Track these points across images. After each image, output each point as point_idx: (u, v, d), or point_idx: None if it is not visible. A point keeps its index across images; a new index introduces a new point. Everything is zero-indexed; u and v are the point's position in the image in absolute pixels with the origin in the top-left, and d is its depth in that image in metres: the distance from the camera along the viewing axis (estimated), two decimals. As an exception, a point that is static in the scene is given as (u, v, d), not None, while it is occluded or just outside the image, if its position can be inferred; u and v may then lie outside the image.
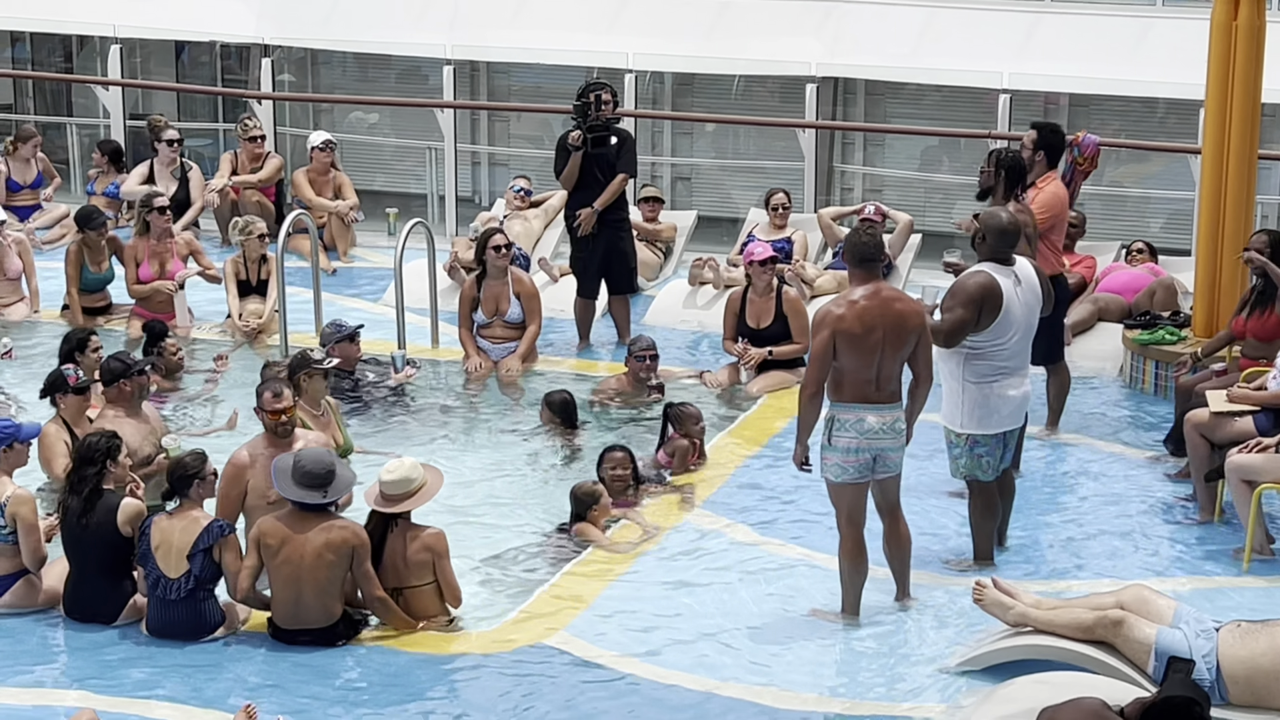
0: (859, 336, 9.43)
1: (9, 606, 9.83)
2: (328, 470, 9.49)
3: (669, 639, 9.59)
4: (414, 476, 9.59)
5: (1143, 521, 11.19)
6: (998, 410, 10.21)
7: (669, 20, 18.35)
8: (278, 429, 10.31)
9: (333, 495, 9.51)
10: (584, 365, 14.26)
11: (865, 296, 9.52)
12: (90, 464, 9.75)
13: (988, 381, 10.17)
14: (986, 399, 10.18)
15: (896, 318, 9.53)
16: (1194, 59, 13.76)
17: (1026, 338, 10.30)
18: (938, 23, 17.64)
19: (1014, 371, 10.25)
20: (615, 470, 11.20)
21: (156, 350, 13.17)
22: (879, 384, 9.53)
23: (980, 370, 10.17)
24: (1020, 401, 10.32)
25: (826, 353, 9.45)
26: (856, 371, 9.49)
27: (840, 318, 9.47)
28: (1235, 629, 8.67)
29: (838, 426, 9.55)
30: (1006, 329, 10.14)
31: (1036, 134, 12.29)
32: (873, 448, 9.54)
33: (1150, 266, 14.63)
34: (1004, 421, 10.26)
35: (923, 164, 18.18)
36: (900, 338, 9.54)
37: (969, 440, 10.25)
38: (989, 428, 10.22)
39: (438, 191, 18.49)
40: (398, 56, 19.55)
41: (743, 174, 18.69)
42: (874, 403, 9.52)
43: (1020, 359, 10.30)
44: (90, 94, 20.19)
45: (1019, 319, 10.18)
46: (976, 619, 9.52)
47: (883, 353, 9.50)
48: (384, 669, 9.25)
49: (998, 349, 10.14)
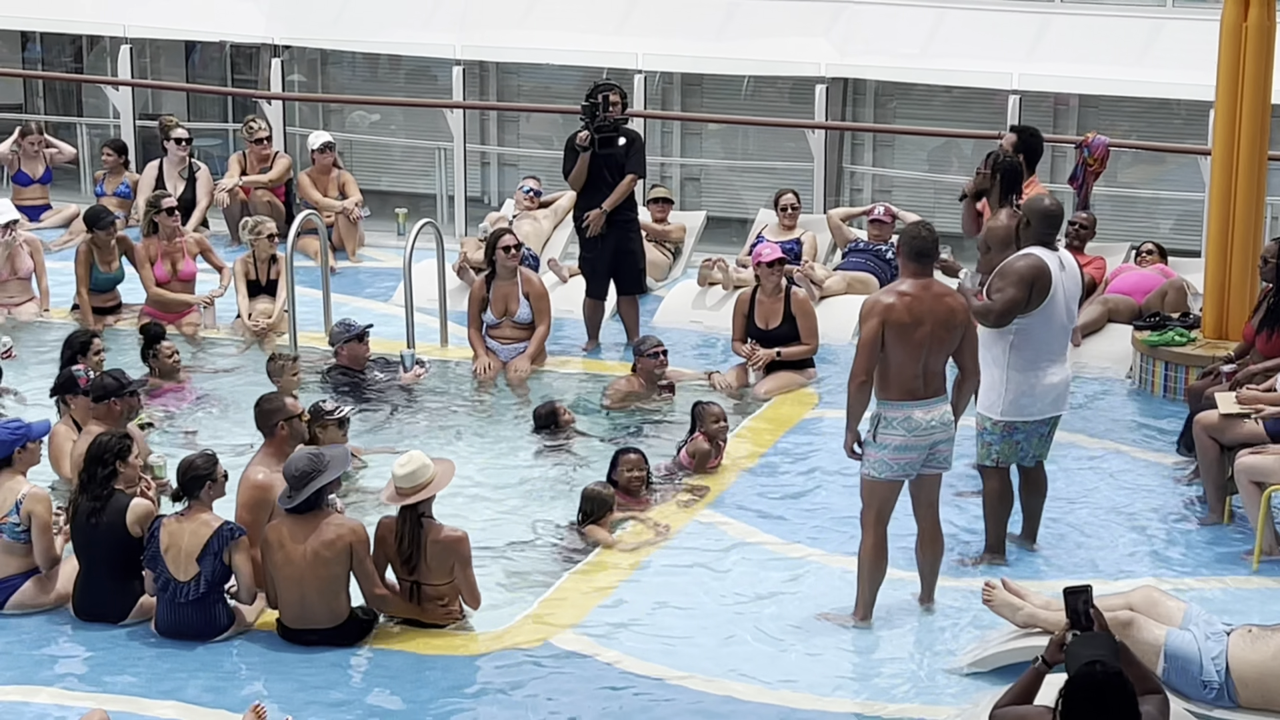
0: (908, 327, 9.42)
1: (19, 606, 9.84)
2: (301, 473, 9.47)
3: (678, 639, 9.58)
4: (425, 467, 9.58)
5: (1152, 523, 11.19)
6: (1042, 397, 10.28)
7: (678, 21, 18.35)
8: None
9: (300, 496, 9.44)
10: (593, 365, 14.26)
11: (915, 289, 9.52)
12: (101, 464, 9.75)
13: (1033, 368, 10.23)
14: (1032, 386, 10.25)
15: (945, 312, 9.54)
16: (1204, 60, 13.75)
17: (1070, 323, 10.38)
18: (947, 23, 17.64)
19: (1057, 358, 10.30)
20: (631, 472, 11.19)
21: (153, 352, 13.11)
22: (925, 379, 9.53)
23: (1026, 356, 10.22)
24: (1062, 388, 10.39)
25: (875, 341, 9.42)
26: (903, 366, 9.47)
27: (890, 307, 9.46)
28: (1246, 634, 8.67)
29: (884, 425, 9.52)
30: (1054, 312, 10.20)
31: (1016, 137, 12.34)
32: (925, 443, 9.54)
33: (1160, 268, 14.62)
34: (1046, 408, 10.35)
35: (932, 165, 18.17)
36: (948, 331, 9.56)
37: (1006, 427, 10.27)
38: (1030, 414, 10.29)
39: (447, 192, 18.50)
40: (407, 57, 19.57)
41: (752, 174, 18.68)
42: (920, 398, 9.52)
43: (1062, 344, 10.38)
44: (100, 94, 20.21)
45: (1062, 303, 10.26)
46: (986, 620, 9.51)
47: (930, 347, 9.50)
48: (392, 669, 9.25)
49: (1044, 333, 10.19)
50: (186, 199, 17.11)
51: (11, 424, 10.25)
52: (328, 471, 9.50)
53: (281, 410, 10.28)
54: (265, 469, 10.02)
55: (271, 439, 10.22)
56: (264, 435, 10.36)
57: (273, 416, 10.26)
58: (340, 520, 9.56)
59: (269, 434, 10.26)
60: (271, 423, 10.24)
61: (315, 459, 9.53)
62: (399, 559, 9.56)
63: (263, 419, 10.36)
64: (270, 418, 10.26)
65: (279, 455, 10.06)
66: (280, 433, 10.20)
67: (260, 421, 10.38)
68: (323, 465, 9.50)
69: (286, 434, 10.21)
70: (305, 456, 9.56)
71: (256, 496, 9.90)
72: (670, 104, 18.91)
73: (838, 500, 11.16)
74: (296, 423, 10.31)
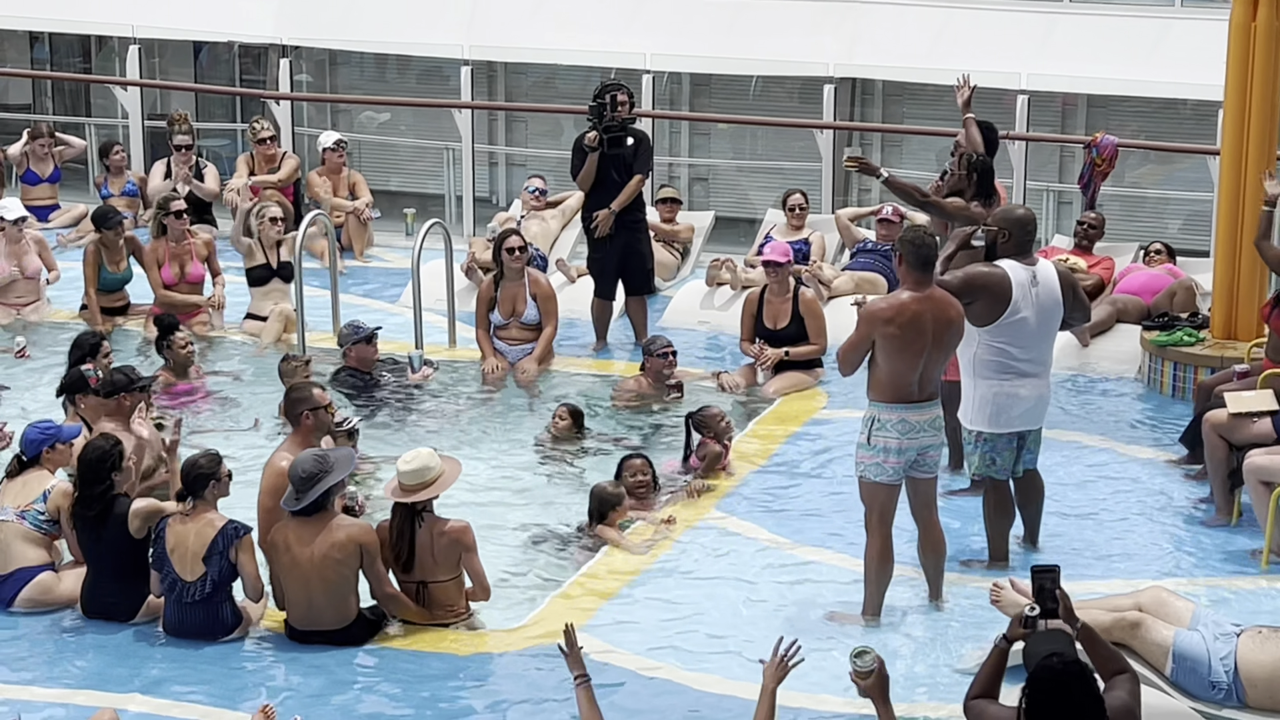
0: (905, 339, 9.43)
1: (29, 603, 9.86)
2: (308, 475, 9.47)
3: (687, 639, 9.59)
4: (431, 465, 9.57)
5: (1161, 523, 11.18)
6: (1008, 410, 10.21)
7: (686, 21, 18.34)
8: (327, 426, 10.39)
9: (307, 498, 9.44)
10: (601, 366, 14.26)
11: (915, 301, 9.50)
12: (97, 481, 9.71)
13: (999, 380, 10.17)
14: (997, 397, 10.19)
15: (945, 320, 9.55)
16: (1212, 60, 13.74)
17: (1041, 339, 10.28)
18: (955, 23, 17.63)
19: (1027, 373, 10.23)
20: (636, 478, 11.18)
21: (166, 343, 13.14)
22: (921, 385, 9.55)
23: (991, 368, 10.17)
24: (1034, 404, 10.30)
25: (863, 345, 9.50)
26: (900, 374, 9.49)
27: (888, 320, 9.47)
28: (1256, 634, 8.65)
29: (878, 426, 9.54)
30: (1017, 328, 10.13)
31: (978, 135, 12.40)
32: (915, 446, 9.54)
33: (1169, 268, 14.61)
34: (1015, 422, 10.26)
35: (940, 165, 18.12)
36: (947, 338, 9.58)
37: (979, 438, 10.26)
38: (999, 426, 10.23)
39: (455, 192, 18.50)
40: (416, 57, 19.57)
41: (760, 175, 18.68)
42: (914, 401, 9.53)
43: (1035, 361, 10.27)
44: (109, 94, 20.22)
45: (1031, 320, 10.17)
46: (994, 620, 9.50)
47: (929, 355, 9.51)
48: (400, 669, 9.25)
49: (1007, 347, 10.13)
50: (194, 200, 17.09)
51: (42, 424, 10.34)
52: (334, 473, 9.50)
53: (308, 400, 10.34)
54: (290, 457, 10.08)
55: (298, 428, 10.28)
56: (290, 424, 10.45)
57: (299, 406, 10.33)
58: (350, 521, 9.56)
59: (295, 423, 10.34)
60: (297, 411, 10.30)
61: (321, 460, 9.53)
62: (393, 558, 9.55)
63: (289, 407, 10.47)
64: (296, 406, 10.34)
65: (305, 444, 10.15)
66: (306, 422, 10.25)
67: (287, 410, 10.51)
68: (329, 467, 9.50)
69: (312, 424, 10.26)
70: (311, 458, 9.57)
71: (281, 484, 9.95)
72: (678, 104, 18.90)
73: (846, 500, 11.13)
74: (322, 413, 10.35)
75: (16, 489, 10.06)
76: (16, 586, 9.88)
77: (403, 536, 9.52)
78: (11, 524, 9.92)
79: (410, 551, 9.52)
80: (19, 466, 10.18)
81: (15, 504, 9.97)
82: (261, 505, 10.01)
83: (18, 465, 10.19)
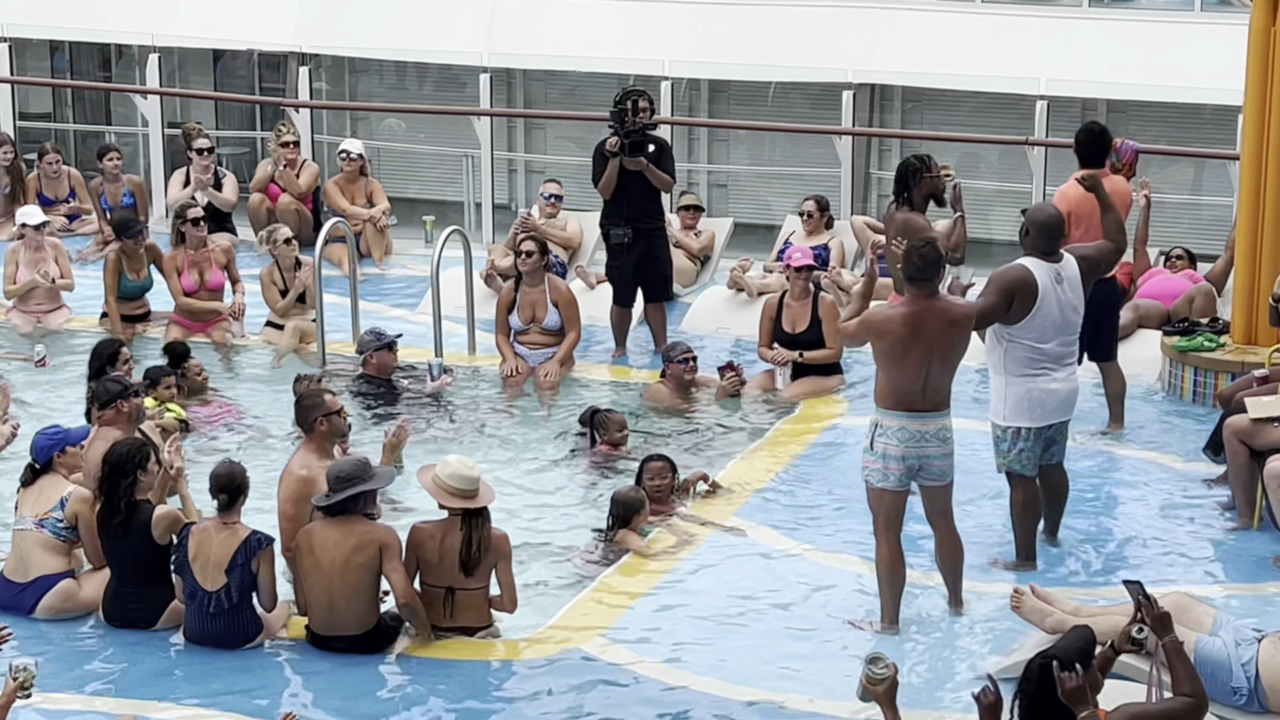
0: (901, 351, 9.44)
1: (50, 610, 9.87)
2: (346, 476, 9.45)
3: (706, 645, 9.58)
4: (476, 473, 9.57)
5: (1181, 528, 11.15)
6: (1041, 404, 10.24)
7: (705, 27, 18.34)
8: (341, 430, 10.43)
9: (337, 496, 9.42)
10: (619, 372, 14.26)
11: (913, 313, 9.48)
12: (123, 474, 9.74)
13: (1029, 375, 10.19)
14: (1029, 392, 10.21)
15: (947, 328, 9.52)
16: (1232, 64, 13.70)
17: (1067, 333, 10.31)
18: (975, 29, 17.61)
19: (1056, 367, 10.26)
20: (655, 480, 11.18)
21: (180, 371, 12.89)
22: (925, 394, 9.53)
23: (1021, 363, 10.20)
24: (1064, 397, 10.33)
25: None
26: (899, 382, 9.50)
27: (883, 332, 9.49)
28: (1278, 640, 8.63)
29: (880, 432, 9.55)
30: (1044, 323, 10.16)
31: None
32: (917, 454, 9.52)
33: (1189, 273, 14.58)
34: (1047, 415, 10.30)
35: (959, 170, 18.08)
36: (952, 346, 9.54)
37: (1011, 433, 10.26)
38: (1031, 420, 10.24)
39: (474, 199, 18.50)
40: (434, 64, 19.60)
41: (779, 181, 18.67)
42: (917, 410, 9.51)
43: (1062, 355, 10.30)
44: (129, 103, 20.26)
45: (1056, 315, 10.19)
46: (1015, 626, 9.49)
47: (931, 365, 9.49)
48: (421, 675, 9.26)
49: (1036, 342, 10.15)
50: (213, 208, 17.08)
51: (50, 430, 10.33)
52: (371, 481, 9.52)
53: (320, 406, 10.37)
54: (307, 463, 10.13)
55: (311, 435, 10.30)
56: (303, 431, 10.45)
57: (311, 413, 10.36)
58: (371, 525, 9.56)
59: (308, 430, 10.35)
60: (310, 419, 10.33)
61: (362, 466, 9.55)
62: (459, 564, 9.47)
63: (302, 415, 10.50)
64: (309, 414, 10.36)
65: (319, 451, 10.18)
66: (319, 429, 10.27)
67: (300, 418, 10.53)
68: (368, 475, 9.52)
69: (326, 430, 10.27)
70: (352, 463, 9.60)
71: (299, 490, 9.99)
72: (697, 110, 18.90)
73: (864, 506, 11.12)
74: (336, 419, 10.38)
75: (33, 497, 10.07)
76: (38, 594, 9.89)
77: (473, 544, 9.45)
78: (31, 532, 9.94)
79: (482, 556, 9.47)
80: (32, 475, 10.17)
81: (33, 512, 9.98)
82: (283, 514, 10.02)
83: (31, 474, 10.18)
